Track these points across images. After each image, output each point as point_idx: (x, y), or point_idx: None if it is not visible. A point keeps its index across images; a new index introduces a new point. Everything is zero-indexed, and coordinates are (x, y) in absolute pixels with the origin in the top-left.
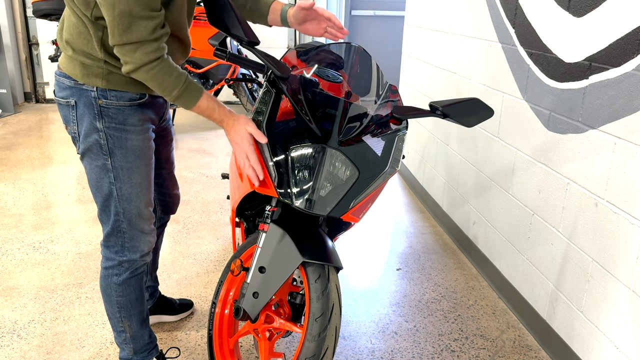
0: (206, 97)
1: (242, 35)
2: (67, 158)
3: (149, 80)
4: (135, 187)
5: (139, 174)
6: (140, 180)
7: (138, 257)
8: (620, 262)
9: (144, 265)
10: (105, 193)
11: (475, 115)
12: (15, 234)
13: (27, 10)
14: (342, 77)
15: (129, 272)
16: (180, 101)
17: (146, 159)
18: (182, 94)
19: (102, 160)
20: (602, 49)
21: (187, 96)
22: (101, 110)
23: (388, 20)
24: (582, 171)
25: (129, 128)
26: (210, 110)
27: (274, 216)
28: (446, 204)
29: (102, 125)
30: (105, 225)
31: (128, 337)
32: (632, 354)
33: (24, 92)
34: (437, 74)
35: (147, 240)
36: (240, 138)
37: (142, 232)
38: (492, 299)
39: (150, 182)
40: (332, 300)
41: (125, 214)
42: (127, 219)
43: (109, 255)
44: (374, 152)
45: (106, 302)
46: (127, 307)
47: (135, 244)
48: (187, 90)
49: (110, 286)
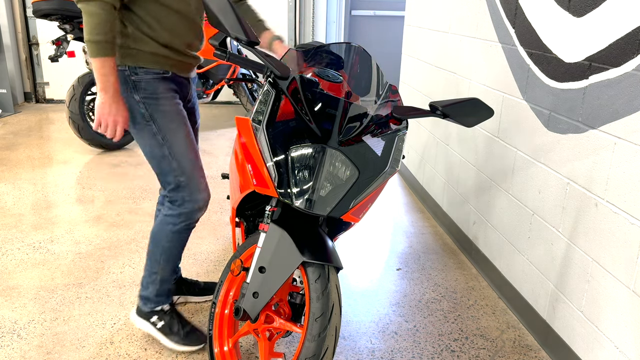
0: (112, 64)
1: (242, 36)
2: (67, 158)
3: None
4: (183, 143)
5: (181, 131)
6: (183, 135)
7: (196, 208)
8: (620, 262)
9: (197, 220)
10: (159, 156)
11: (475, 115)
12: (15, 234)
13: (27, 10)
14: (342, 77)
15: (185, 223)
16: (89, 48)
17: (183, 119)
18: (96, 45)
19: (148, 127)
20: (602, 49)
21: (98, 49)
22: (135, 84)
23: (388, 20)
24: (582, 171)
25: (160, 95)
26: (104, 77)
27: (274, 216)
28: (446, 204)
29: (139, 96)
30: (168, 185)
31: (157, 279)
32: (632, 354)
33: (24, 92)
34: (437, 74)
35: (203, 196)
36: (102, 114)
37: (199, 185)
38: (492, 299)
39: (193, 140)
40: (332, 300)
41: (182, 168)
42: (185, 173)
43: (172, 207)
44: (374, 152)
45: (153, 245)
46: (171, 253)
47: (194, 197)
48: (102, 44)
49: (164, 232)
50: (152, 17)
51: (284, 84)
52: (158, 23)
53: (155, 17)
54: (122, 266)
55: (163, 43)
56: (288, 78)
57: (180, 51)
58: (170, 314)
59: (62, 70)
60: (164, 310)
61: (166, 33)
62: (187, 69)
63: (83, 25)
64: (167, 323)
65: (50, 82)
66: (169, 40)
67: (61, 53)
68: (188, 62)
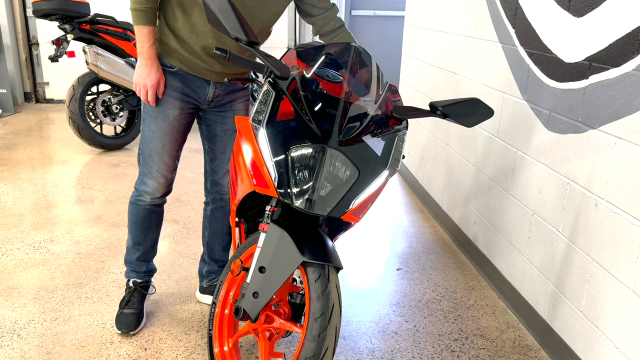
0: (147, 32)
1: (242, 36)
2: (67, 158)
3: None
4: (151, 132)
5: (155, 124)
6: (155, 128)
7: (142, 189)
8: (620, 262)
9: (146, 201)
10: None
11: (475, 115)
12: (15, 234)
13: (27, 10)
14: (342, 77)
15: (135, 198)
16: (132, 16)
17: (166, 111)
18: (133, 13)
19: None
20: (602, 49)
21: (134, 17)
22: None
23: (388, 20)
24: (582, 171)
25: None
26: (140, 43)
27: (274, 216)
28: (446, 204)
29: None
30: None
31: (127, 246)
32: (632, 354)
33: (24, 92)
34: (437, 74)
35: (152, 182)
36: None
37: (149, 172)
38: (492, 299)
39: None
40: (332, 300)
41: (142, 150)
42: (142, 156)
43: (136, 180)
44: (374, 152)
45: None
46: (129, 222)
47: (143, 180)
48: (138, 12)
49: (129, 202)
50: (179, 8)
51: (284, 84)
52: (183, 16)
53: (181, 8)
54: (122, 266)
55: (180, 37)
56: (288, 78)
57: (195, 51)
58: (131, 292)
59: (62, 70)
60: (128, 286)
61: (186, 29)
62: (199, 71)
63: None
64: (123, 298)
65: (50, 82)
66: (186, 36)
67: (61, 53)
68: (202, 65)
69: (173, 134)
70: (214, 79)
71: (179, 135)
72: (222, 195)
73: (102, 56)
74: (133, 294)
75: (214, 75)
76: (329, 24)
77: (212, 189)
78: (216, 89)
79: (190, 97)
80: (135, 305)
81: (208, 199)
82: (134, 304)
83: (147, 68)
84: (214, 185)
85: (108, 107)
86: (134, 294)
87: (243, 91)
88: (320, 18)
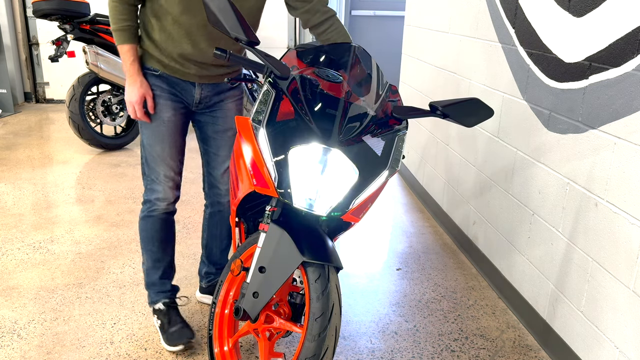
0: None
1: (242, 36)
2: (67, 158)
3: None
4: (150, 139)
5: (152, 130)
6: (153, 134)
7: (153, 198)
8: (620, 262)
9: (159, 209)
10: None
11: (475, 115)
12: (15, 234)
13: (27, 10)
14: (342, 77)
15: (147, 211)
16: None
17: (158, 119)
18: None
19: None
20: (602, 49)
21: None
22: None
23: (388, 20)
24: (582, 171)
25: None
26: (123, 62)
27: (274, 216)
28: (446, 204)
29: None
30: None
31: (144, 269)
32: (632, 354)
33: (24, 92)
34: (437, 74)
35: (161, 188)
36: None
37: (157, 178)
38: (492, 299)
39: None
40: (332, 300)
41: (145, 159)
42: (146, 163)
43: (143, 194)
44: (373, 152)
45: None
46: (143, 241)
47: (152, 187)
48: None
49: (139, 220)
50: (154, 17)
51: (284, 84)
52: (157, 24)
53: (156, 17)
54: (122, 266)
55: (158, 45)
56: (288, 78)
57: (173, 57)
58: (165, 313)
59: (62, 70)
60: (159, 309)
61: (162, 37)
62: (183, 74)
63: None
64: (161, 322)
65: (50, 82)
66: (164, 44)
67: (61, 53)
68: (182, 70)
69: (171, 135)
70: (198, 81)
71: (178, 137)
72: (219, 199)
73: (102, 56)
74: (168, 313)
75: (197, 77)
76: (315, 16)
77: (209, 192)
78: (202, 91)
79: (179, 97)
80: (178, 319)
81: (207, 202)
82: (176, 321)
83: (129, 86)
84: (211, 188)
85: (108, 107)
86: (169, 313)
87: (233, 91)
88: (304, 11)
